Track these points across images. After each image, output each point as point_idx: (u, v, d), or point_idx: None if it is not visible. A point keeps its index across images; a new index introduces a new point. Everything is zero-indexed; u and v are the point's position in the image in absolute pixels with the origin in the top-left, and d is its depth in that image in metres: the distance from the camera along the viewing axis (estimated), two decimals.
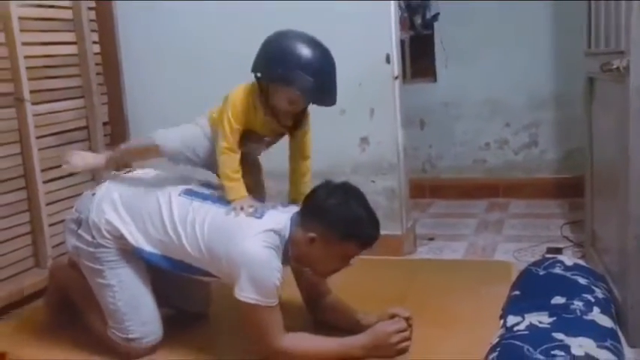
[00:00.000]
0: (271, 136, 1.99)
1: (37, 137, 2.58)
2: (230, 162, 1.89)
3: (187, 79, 2.95)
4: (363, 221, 1.79)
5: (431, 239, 3.06)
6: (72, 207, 2.07)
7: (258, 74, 1.88)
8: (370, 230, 1.81)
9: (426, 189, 3.85)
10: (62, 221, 2.61)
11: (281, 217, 1.83)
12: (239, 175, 1.90)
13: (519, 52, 3.65)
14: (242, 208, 1.84)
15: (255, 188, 2.04)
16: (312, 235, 1.78)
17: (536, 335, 1.70)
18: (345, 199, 1.80)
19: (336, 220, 1.77)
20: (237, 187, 1.89)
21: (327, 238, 1.78)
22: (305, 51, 1.79)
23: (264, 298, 1.73)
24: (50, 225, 2.63)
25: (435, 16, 3.79)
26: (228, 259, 1.77)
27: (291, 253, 1.83)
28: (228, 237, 1.79)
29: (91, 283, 1.98)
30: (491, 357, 1.67)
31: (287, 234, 1.81)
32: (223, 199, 1.89)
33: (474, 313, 2.10)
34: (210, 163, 1.97)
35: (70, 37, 2.80)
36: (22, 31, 2.51)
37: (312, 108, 1.91)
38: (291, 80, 1.78)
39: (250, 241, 1.75)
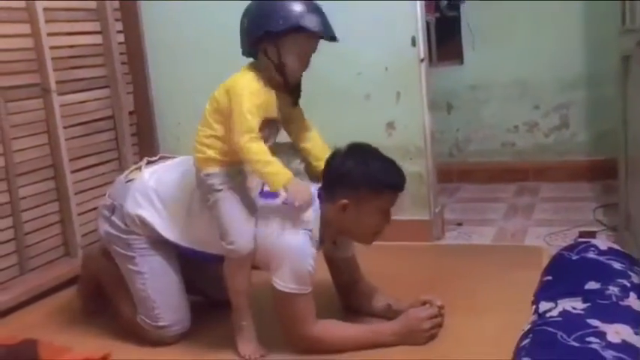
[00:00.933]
0: (279, 117, 1.86)
1: (64, 127, 2.60)
2: (256, 148, 1.70)
3: (212, 66, 2.91)
4: (387, 169, 1.80)
5: (459, 224, 3.02)
6: (100, 196, 2.07)
7: (259, 43, 1.78)
8: (396, 175, 1.81)
9: (453, 173, 3.79)
10: (91, 210, 2.67)
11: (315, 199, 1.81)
12: (272, 157, 1.70)
13: (548, 31, 3.55)
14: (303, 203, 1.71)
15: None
16: (343, 201, 1.77)
17: (570, 321, 1.66)
18: (361, 157, 1.80)
19: (362, 177, 1.77)
20: (278, 170, 1.70)
21: (358, 199, 1.77)
22: None
23: (300, 285, 1.73)
24: (79, 214, 2.66)
25: None
26: (265, 248, 1.77)
27: (325, 233, 1.81)
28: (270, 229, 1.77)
29: (122, 269, 1.99)
30: (523, 344, 1.64)
31: (318, 213, 1.79)
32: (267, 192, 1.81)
33: (504, 299, 2.06)
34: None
35: (94, 26, 2.80)
36: (47, 21, 2.52)
37: (337, 94, 1.87)
38: (300, 24, 1.71)
39: (291, 232, 1.74)
